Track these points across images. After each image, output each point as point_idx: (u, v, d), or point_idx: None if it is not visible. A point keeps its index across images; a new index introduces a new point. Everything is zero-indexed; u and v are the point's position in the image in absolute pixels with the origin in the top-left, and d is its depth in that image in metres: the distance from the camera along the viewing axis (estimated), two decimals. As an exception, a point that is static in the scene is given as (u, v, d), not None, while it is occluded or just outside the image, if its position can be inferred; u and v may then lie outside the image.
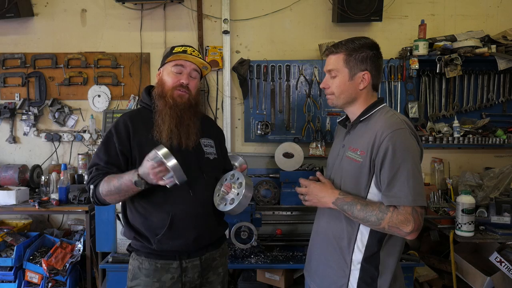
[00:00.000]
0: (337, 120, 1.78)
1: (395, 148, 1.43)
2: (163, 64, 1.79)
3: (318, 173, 1.67)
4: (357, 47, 1.55)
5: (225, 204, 1.67)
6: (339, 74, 1.58)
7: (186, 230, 1.68)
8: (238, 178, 1.70)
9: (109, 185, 1.61)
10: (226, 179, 1.75)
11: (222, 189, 1.72)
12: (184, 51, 1.74)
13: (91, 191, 1.68)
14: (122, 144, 1.68)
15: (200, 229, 1.71)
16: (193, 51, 1.76)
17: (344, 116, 1.72)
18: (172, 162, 1.47)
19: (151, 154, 1.50)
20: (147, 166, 1.50)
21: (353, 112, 1.62)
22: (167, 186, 1.52)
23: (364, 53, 1.55)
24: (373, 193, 1.51)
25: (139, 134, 1.71)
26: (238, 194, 1.66)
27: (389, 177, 1.44)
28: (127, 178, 1.57)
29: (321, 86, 1.68)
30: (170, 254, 1.70)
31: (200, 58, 1.76)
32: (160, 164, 1.48)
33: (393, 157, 1.43)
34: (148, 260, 1.71)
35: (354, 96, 1.59)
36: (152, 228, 1.68)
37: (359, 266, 1.53)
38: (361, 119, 1.58)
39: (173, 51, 1.76)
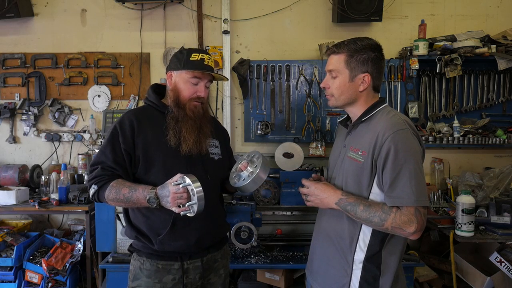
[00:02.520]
0: (338, 120, 1.78)
1: (397, 148, 1.44)
2: (177, 68, 1.74)
3: (314, 176, 1.68)
4: (359, 48, 1.54)
5: (239, 180, 1.73)
6: (339, 75, 1.57)
7: (188, 231, 1.68)
8: (256, 158, 1.75)
9: (118, 193, 1.61)
10: (245, 158, 1.79)
11: (239, 166, 1.77)
12: (202, 60, 1.72)
13: (93, 190, 1.66)
14: (126, 143, 1.67)
15: (202, 231, 1.71)
16: (209, 59, 1.75)
17: (345, 116, 1.72)
18: (200, 192, 1.48)
19: (177, 177, 1.51)
20: (169, 188, 1.51)
21: (354, 112, 1.62)
22: (180, 213, 1.53)
23: (365, 54, 1.54)
24: (375, 193, 1.51)
25: (144, 133, 1.70)
26: (252, 173, 1.69)
27: (392, 178, 1.44)
28: (141, 193, 1.57)
29: (321, 85, 1.68)
30: (171, 255, 1.70)
31: (213, 66, 1.77)
32: (185, 190, 1.49)
33: (395, 158, 1.43)
34: (150, 260, 1.70)
35: (354, 98, 1.58)
36: (154, 228, 1.68)
37: (361, 265, 1.53)
38: (362, 120, 1.58)
39: (191, 59, 1.71)
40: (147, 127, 1.71)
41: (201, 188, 1.49)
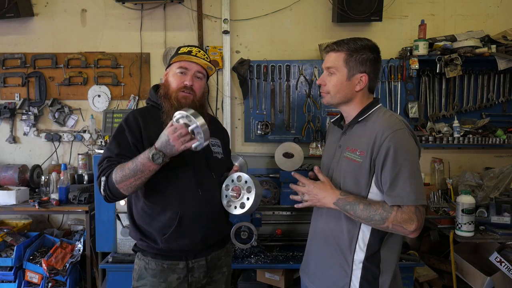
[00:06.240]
0: (331, 120, 1.77)
1: (397, 148, 1.45)
2: (169, 64, 1.80)
3: (316, 168, 1.63)
4: (359, 48, 1.55)
5: (236, 207, 1.69)
6: (337, 73, 1.57)
7: (194, 230, 1.68)
8: (246, 181, 1.69)
9: (123, 170, 1.56)
10: (232, 181, 1.72)
11: (230, 193, 1.71)
12: (189, 52, 1.74)
13: (102, 183, 1.61)
14: (134, 137, 1.67)
15: (208, 229, 1.71)
16: (198, 51, 1.76)
17: (338, 116, 1.72)
18: (200, 119, 1.45)
19: (174, 116, 1.50)
20: (166, 132, 1.50)
21: (349, 112, 1.62)
22: (194, 149, 1.50)
23: (364, 55, 1.55)
24: (374, 193, 1.52)
25: (149, 131, 1.69)
26: (248, 198, 1.66)
27: (392, 177, 1.45)
28: (143, 156, 1.53)
29: (317, 82, 1.67)
30: (176, 254, 1.70)
31: (205, 59, 1.76)
32: (182, 126, 1.47)
33: (395, 157, 1.44)
34: (155, 260, 1.70)
35: (349, 97, 1.59)
36: (159, 228, 1.67)
37: (361, 265, 1.54)
38: (358, 120, 1.58)
39: (179, 52, 1.77)
40: (151, 126, 1.70)
41: (194, 110, 1.46)
